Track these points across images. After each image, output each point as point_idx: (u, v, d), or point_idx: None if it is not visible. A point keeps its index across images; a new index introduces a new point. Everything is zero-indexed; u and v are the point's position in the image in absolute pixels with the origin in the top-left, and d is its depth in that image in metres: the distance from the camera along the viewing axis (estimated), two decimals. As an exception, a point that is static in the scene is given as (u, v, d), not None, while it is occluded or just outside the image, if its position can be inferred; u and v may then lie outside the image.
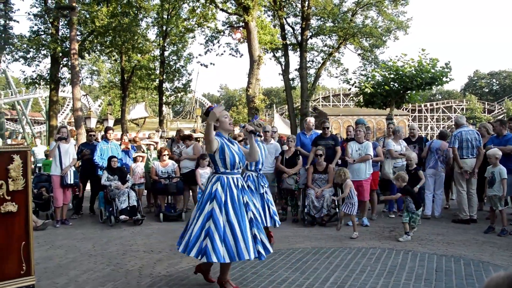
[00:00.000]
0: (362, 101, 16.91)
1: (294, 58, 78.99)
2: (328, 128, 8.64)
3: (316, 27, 27.55)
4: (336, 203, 7.64)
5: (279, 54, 27.07)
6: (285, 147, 8.63)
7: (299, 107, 28.47)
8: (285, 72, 25.99)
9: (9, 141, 22.53)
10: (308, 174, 7.97)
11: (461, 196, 7.73)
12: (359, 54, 29.39)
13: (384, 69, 15.99)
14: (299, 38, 26.09)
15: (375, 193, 8.37)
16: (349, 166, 7.84)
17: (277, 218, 5.99)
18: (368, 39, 28.33)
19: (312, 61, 29.07)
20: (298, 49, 26.44)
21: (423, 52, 14.66)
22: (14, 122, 47.74)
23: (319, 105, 53.53)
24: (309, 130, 9.05)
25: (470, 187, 7.75)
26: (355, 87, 17.17)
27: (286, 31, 26.25)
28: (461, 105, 61.39)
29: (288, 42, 26.41)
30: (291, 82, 27.44)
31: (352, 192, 6.81)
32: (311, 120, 9.37)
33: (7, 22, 23.32)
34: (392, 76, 15.19)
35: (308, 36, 26.46)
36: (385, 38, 28.23)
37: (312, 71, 28.88)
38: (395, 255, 5.52)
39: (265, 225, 5.69)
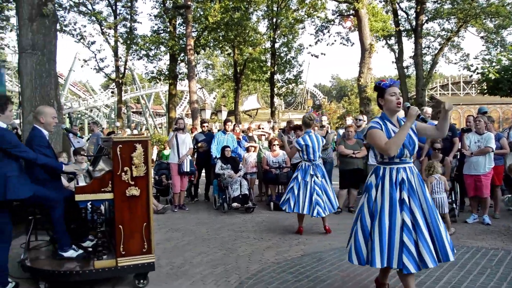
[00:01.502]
0: (485, 88, 15.52)
1: (408, 45, 75.42)
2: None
3: (433, 11, 25.92)
4: (453, 199, 7.19)
5: (392, 41, 26.03)
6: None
7: (414, 96, 27.13)
8: (399, 60, 24.93)
9: (135, 132, 24.53)
10: (423, 167, 7.57)
11: None
12: (482, 37, 27.13)
13: (512, 52, 14.52)
14: (414, 24, 24.79)
15: (498, 189, 7.65)
16: (466, 159, 7.29)
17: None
18: (493, 19, 25.88)
19: (428, 47, 27.52)
20: (412, 35, 25.20)
21: None
22: (139, 115, 52.04)
23: (436, 94, 50.32)
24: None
25: None
26: (477, 73, 15.81)
27: (399, 17, 25.12)
28: None
29: (402, 28, 25.29)
30: (405, 70, 26.25)
31: (435, 188, 6.39)
32: (427, 110, 8.85)
33: (132, 24, 25.46)
34: (522, 59, 13.72)
35: (424, 21, 25.03)
36: (514, 16, 25.50)
37: (428, 58, 27.37)
38: (522, 257, 5.01)
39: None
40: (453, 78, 52.88)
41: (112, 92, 43.86)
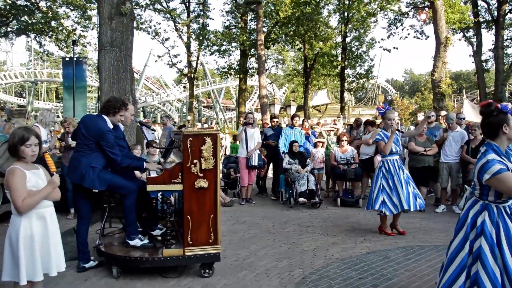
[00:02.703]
0: None
1: (488, 37, 70.95)
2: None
3: (518, -1, 24.20)
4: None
5: (470, 33, 24.62)
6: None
7: (493, 92, 25.54)
8: (477, 53, 23.56)
9: (205, 126, 25.17)
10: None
11: None
12: None
13: None
14: (495, 14, 23.28)
15: None
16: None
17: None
18: None
19: (511, 39, 25.71)
20: (493, 27, 23.65)
21: None
22: (210, 109, 53.33)
23: (518, 89, 47.08)
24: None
25: None
26: None
27: (479, 7, 23.68)
28: None
29: (481, 20, 23.80)
30: (484, 64, 24.76)
31: None
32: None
33: (205, 20, 26.10)
34: None
35: (507, 11, 23.38)
36: None
37: (510, 51, 25.63)
38: None
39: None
40: (539, 72, 49.04)
41: (184, 87, 45.25)
